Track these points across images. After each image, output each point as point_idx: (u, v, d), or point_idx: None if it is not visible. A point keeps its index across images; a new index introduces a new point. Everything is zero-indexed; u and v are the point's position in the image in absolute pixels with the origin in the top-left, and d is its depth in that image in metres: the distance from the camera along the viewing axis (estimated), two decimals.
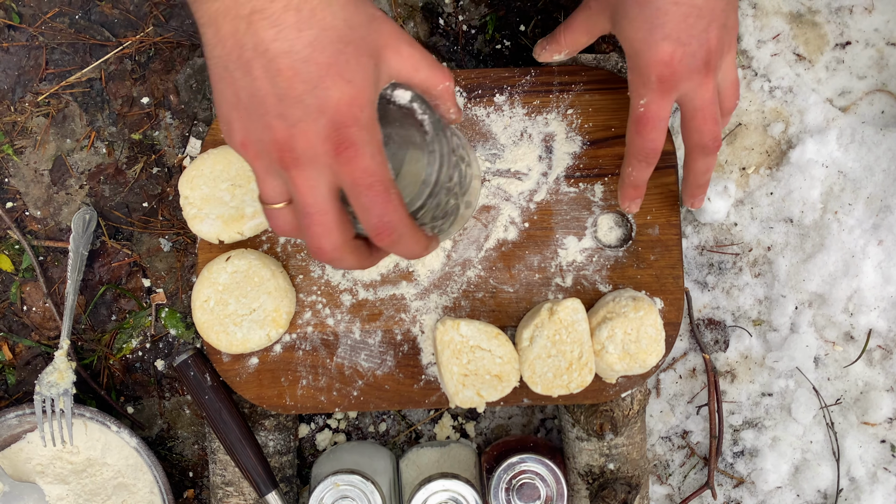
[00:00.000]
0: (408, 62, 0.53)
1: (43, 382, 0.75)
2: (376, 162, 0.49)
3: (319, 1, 0.47)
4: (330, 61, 0.47)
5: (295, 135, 0.48)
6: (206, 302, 0.70)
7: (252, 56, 0.47)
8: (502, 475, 0.72)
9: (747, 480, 0.82)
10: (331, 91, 0.47)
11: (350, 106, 0.48)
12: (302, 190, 0.49)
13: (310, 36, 0.47)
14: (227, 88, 0.49)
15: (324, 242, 0.51)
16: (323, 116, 0.48)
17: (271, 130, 0.48)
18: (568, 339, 0.69)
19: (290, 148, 0.48)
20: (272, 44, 0.47)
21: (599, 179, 0.74)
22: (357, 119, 0.48)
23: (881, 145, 0.79)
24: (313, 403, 0.73)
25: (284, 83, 0.47)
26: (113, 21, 0.81)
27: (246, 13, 0.46)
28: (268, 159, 0.50)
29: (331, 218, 0.50)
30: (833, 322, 0.80)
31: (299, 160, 0.48)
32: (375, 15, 0.51)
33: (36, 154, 0.81)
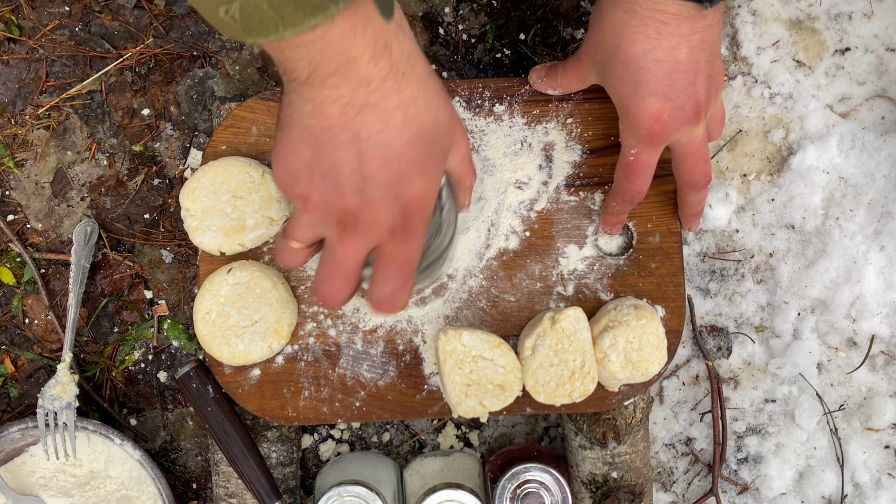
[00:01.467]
0: (460, 157, 0.59)
1: (45, 395, 0.75)
2: (418, 249, 0.56)
3: (423, 105, 0.52)
4: (418, 159, 0.53)
5: (366, 209, 0.53)
6: (207, 314, 0.70)
7: (350, 139, 0.51)
8: (507, 484, 0.72)
9: (751, 487, 0.82)
10: (412, 185, 0.53)
11: (422, 200, 0.54)
12: (347, 249, 0.55)
13: (409, 136, 0.52)
14: (306, 150, 0.53)
15: (339, 295, 0.57)
16: (397, 203, 0.53)
17: (343, 198, 0.53)
18: (570, 347, 0.69)
19: (355, 216, 0.54)
20: (376, 135, 0.51)
21: (600, 188, 0.74)
22: (422, 211, 0.55)
23: (882, 151, 0.79)
24: (315, 414, 0.73)
25: (373, 169, 0.52)
26: (113, 33, 0.81)
27: (359, 104, 0.50)
28: (324, 216, 0.55)
29: (355, 278, 0.57)
30: (836, 328, 0.80)
31: (359, 228, 0.54)
32: (454, 116, 0.57)
33: (37, 167, 0.81)
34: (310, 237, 0.57)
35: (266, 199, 0.70)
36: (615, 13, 0.61)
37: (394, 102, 0.51)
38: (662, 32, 0.60)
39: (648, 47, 0.61)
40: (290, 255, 0.58)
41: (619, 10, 0.61)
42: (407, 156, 0.52)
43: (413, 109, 0.52)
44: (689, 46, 0.61)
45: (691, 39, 0.60)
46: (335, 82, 0.50)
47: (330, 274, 0.56)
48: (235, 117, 0.73)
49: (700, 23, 0.60)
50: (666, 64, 0.61)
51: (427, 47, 0.82)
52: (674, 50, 0.60)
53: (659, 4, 0.59)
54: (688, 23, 0.60)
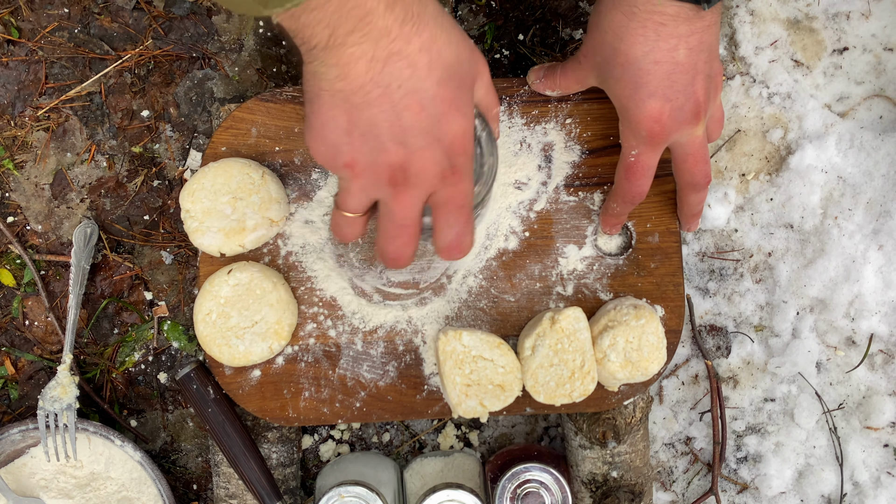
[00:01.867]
0: (485, 87, 0.59)
1: (46, 397, 0.75)
2: (471, 187, 0.56)
3: (444, 42, 0.52)
4: (451, 97, 0.53)
5: (412, 159, 0.53)
6: (208, 315, 0.70)
7: (382, 93, 0.51)
8: (507, 484, 0.72)
9: (751, 486, 0.82)
10: (451, 125, 0.53)
11: (463, 137, 0.54)
12: (404, 205, 0.55)
13: (438, 75, 0.52)
14: (340, 115, 0.53)
15: (406, 250, 0.57)
16: (440, 145, 0.53)
17: (387, 154, 0.53)
18: (570, 347, 0.69)
19: (403, 169, 0.53)
20: (406, 82, 0.51)
21: (599, 188, 0.74)
22: (466, 148, 0.54)
23: (880, 150, 0.79)
24: (316, 415, 0.73)
25: (411, 117, 0.52)
26: (112, 35, 0.81)
27: (384, 56, 0.50)
28: (374, 177, 0.54)
29: (416, 230, 0.57)
30: (834, 327, 0.80)
31: (409, 180, 0.54)
32: (473, 47, 0.57)
33: (36, 168, 0.81)
34: (365, 203, 0.57)
35: (266, 200, 0.70)
36: (614, 15, 0.62)
37: (416, 45, 0.51)
38: (661, 34, 0.60)
39: (647, 49, 0.61)
40: (348, 227, 0.58)
41: (618, 12, 0.61)
42: (440, 96, 0.52)
43: (436, 48, 0.52)
44: (687, 47, 0.61)
45: (690, 40, 0.61)
46: (356, 39, 0.49)
47: (393, 233, 0.56)
48: (235, 119, 0.73)
49: (698, 24, 0.60)
50: (665, 65, 0.61)
51: None
52: (672, 51, 0.61)
53: (657, 6, 0.59)
54: (686, 24, 0.60)
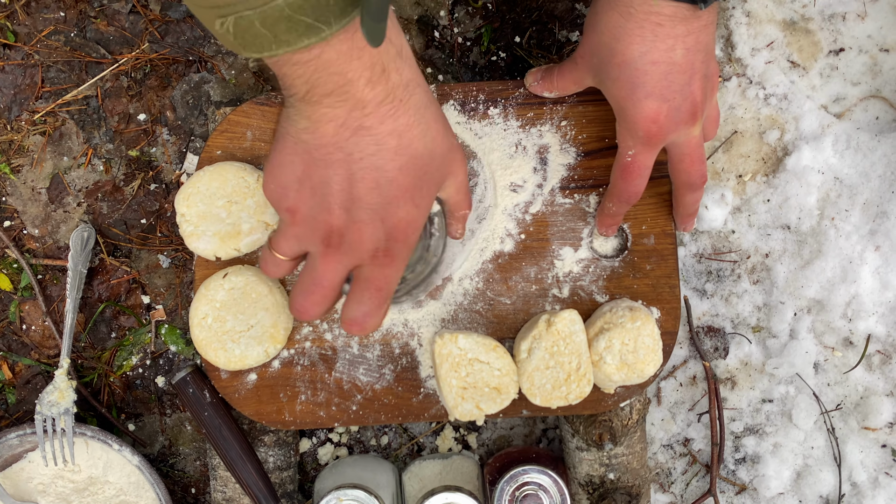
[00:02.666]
0: (456, 187, 0.60)
1: (43, 402, 0.76)
2: (398, 275, 0.56)
3: (418, 133, 0.53)
4: (408, 185, 0.53)
5: (352, 228, 0.53)
6: (203, 319, 0.70)
7: (343, 158, 0.52)
8: (505, 487, 0.72)
9: (749, 487, 0.82)
10: (400, 210, 0.53)
11: (408, 226, 0.54)
12: (328, 266, 0.55)
13: (401, 161, 0.52)
14: (299, 163, 0.53)
15: (314, 309, 0.57)
16: (383, 226, 0.53)
17: (330, 214, 0.53)
18: (566, 350, 0.69)
19: (339, 234, 0.54)
20: (368, 158, 0.52)
21: (594, 190, 0.74)
22: (407, 237, 0.55)
23: (876, 151, 0.79)
24: (312, 419, 0.73)
25: (363, 190, 0.52)
26: (108, 38, 0.81)
27: (354, 126, 0.51)
28: (310, 231, 0.55)
29: (333, 294, 0.57)
30: (832, 328, 0.80)
31: (342, 246, 0.54)
32: (453, 145, 0.58)
33: (33, 172, 0.81)
34: (294, 250, 0.57)
35: (261, 204, 0.70)
36: (611, 16, 0.62)
37: (388, 128, 0.51)
38: (658, 34, 0.60)
39: (645, 49, 0.61)
40: (274, 266, 0.59)
41: (615, 13, 0.61)
42: (398, 181, 0.52)
43: (408, 136, 0.52)
44: (684, 47, 0.61)
45: (687, 40, 0.61)
46: (331, 102, 0.50)
47: (308, 288, 0.56)
48: (230, 122, 0.73)
49: (695, 24, 0.60)
50: (662, 66, 0.61)
51: (423, 50, 0.82)
52: (670, 51, 0.61)
53: (654, 7, 0.59)
54: (683, 24, 0.60)
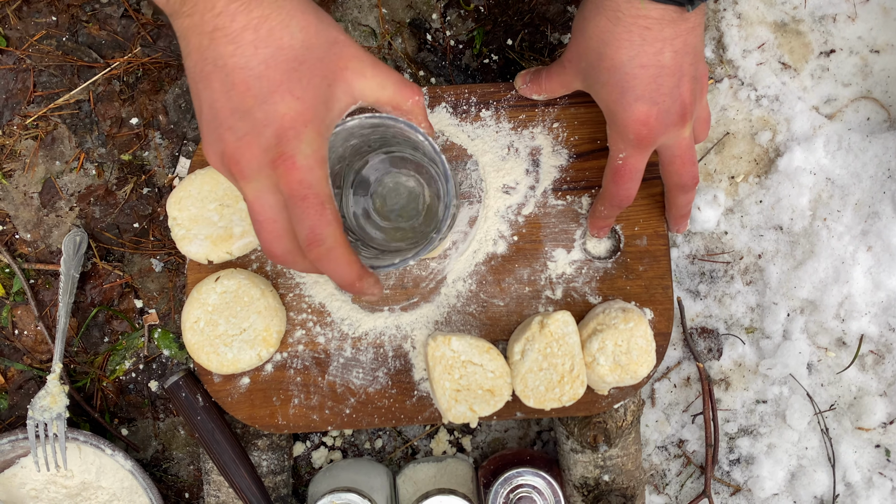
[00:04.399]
0: (372, 82, 0.55)
1: (35, 407, 0.75)
2: (314, 176, 0.51)
3: (278, 23, 0.50)
4: (282, 78, 0.50)
5: (241, 147, 0.50)
6: (196, 323, 0.70)
7: (212, 70, 0.50)
8: (499, 489, 0.72)
9: (744, 488, 0.82)
10: (278, 105, 0.49)
11: (294, 121, 0.50)
12: (250, 199, 0.52)
13: (265, 54, 0.50)
14: (195, 100, 0.52)
15: (274, 247, 0.53)
16: (267, 129, 0.50)
17: (223, 142, 0.51)
18: (559, 351, 0.69)
19: (236, 160, 0.50)
20: (230, 59, 0.49)
21: (587, 192, 0.74)
22: (299, 133, 0.50)
23: (867, 152, 0.79)
24: (305, 422, 0.73)
25: (238, 97, 0.50)
26: (100, 42, 0.81)
27: (209, 30, 0.49)
28: (225, 170, 0.52)
29: (279, 226, 0.52)
30: (825, 328, 0.80)
31: (244, 172, 0.51)
32: (338, 39, 0.54)
33: (25, 177, 0.81)
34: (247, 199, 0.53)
35: None
36: (599, 21, 0.62)
37: (240, 23, 0.49)
38: (646, 38, 0.60)
39: (633, 53, 0.61)
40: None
41: (603, 17, 0.61)
42: (267, 76, 0.50)
43: (265, 28, 0.50)
44: (672, 50, 0.61)
45: (675, 43, 0.61)
46: (187, 10, 0.50)
47: (257, 231, 0.53)
48: None
49: (683, 26, 0.60)
50: (651, 69, 0.61)
51: (415, 53, 0.82)
52: (658, 55, 0.61)
53: (642, 10, 0.59)
54: (671, 27, 0.60)
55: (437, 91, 0.74)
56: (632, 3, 0.59)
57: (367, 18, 0.82)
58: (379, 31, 0.82)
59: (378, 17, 0.82)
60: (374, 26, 0.82)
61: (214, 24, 0.49)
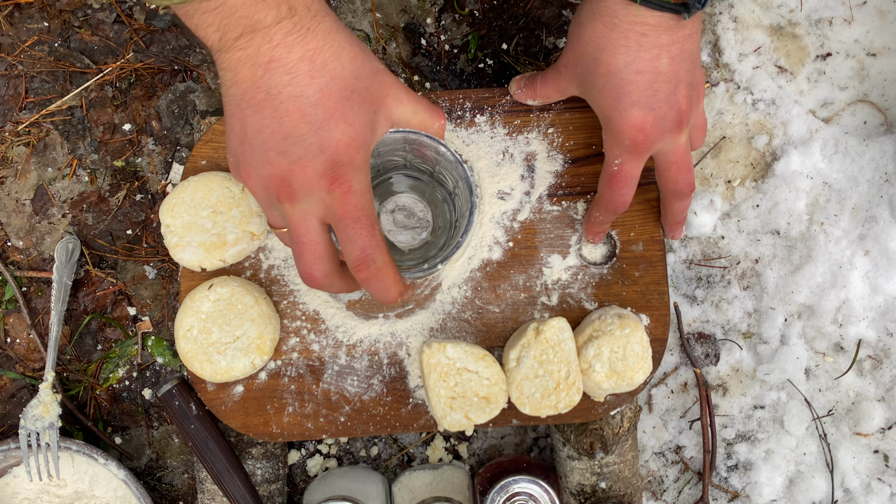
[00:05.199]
0: (407, 108, 0.59)
1: (28, 416, 0.75)
2: (366, 199, 0.54)
3: (331, 54, 0.53)
4: (336, 106, 0.52)
5: (294, 170, 0.52)
6: (189, 331, 0.69)
7: (264, 98, 0.52)
8: (496, 497, 0.71)
9: (742, 494, 0.81)
10: (333, 132, 0.52)
11: (348, 146, 0.53)
12: (295, 221, 0.54)
13: (320, 83, 0.52)
14: (237, 124, 0.54)
15: (314, 269, 0.56)
16: (322, 154, 0.52)
17: (271, 165, 0.53)
18: (555, 358, 0.68)
19: (286, 182, 0.53)
20: (285, 88, 0.52)
21: (582, 197, 0.73)
22: (353, 158, 0.53)
23: (864, 155, 0.79)
24: (300, 430, 0.72)
25: (291, 123, 0.52)
26: (93, 48, 0.81)
27: (264, 61, 0.51)
28: (266, 194, 0.54)
29: (321, 248, 0.55)
30: (823, 333, 0.80)
31: (294, 194, 0.53)
32: (379, 68, 0.57)
33: (17, 184, 0.81)
34: (280, 220, 0.57)
35: (246, 214, 0.70)
36: (595, 26, 0.61)
37: (297, 54, 0.52)
38: (643, 44, 0.60)
39: (629, 59, 0.61)
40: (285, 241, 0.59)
41: (599, 23, 0.61)
42: (322, 104, 0.52)
43: (320, 59, 0.52)
44: (669, 56, 0.61)
45: (671, 50, 0.61)
46: (242, 44, 0.51)
47: (297, 253, 0.55)
48: (215, 132, 0.73)
49: (679, 33, 0.60)
50: (647, 75, 0.61)
51: (409, 58, 0.82)
52: (654, 61, 0.61)
53: (638, 17, 0.59)
54: (667, 33, 0.60)
55: (432, 97, 0.73)
56: (628, 10, 0.59)
57: (361, 23, 0.81)
58: (373, 35, 0.81)
59: (372, 22, 0.81)
60: (369, 31, 0.81)
61: (271, 55, 0.51)
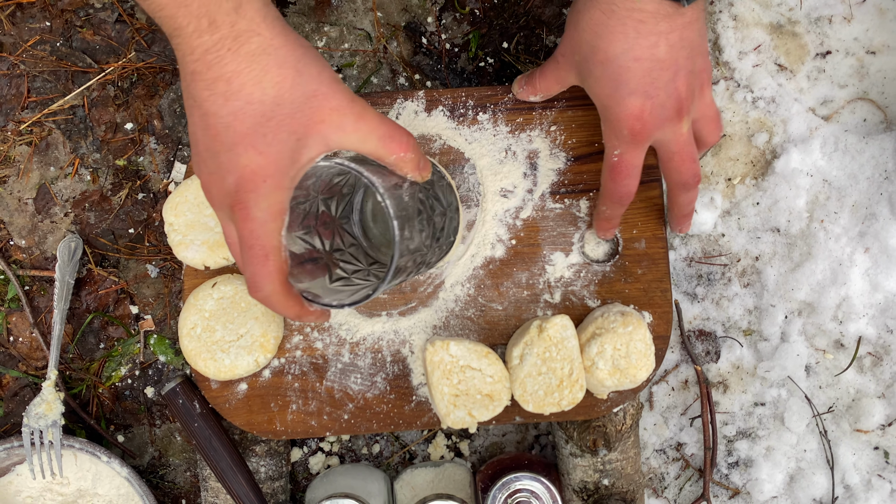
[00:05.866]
0: (353, 136, 0.55)
1: (31, 414, 0.75)
2: (265, 229, 0.53)
3: (250, 78, 0.52)
4: (246, 132, 0.52)
5: (210, 182, 0.54)
6: (193, 329, 0.69)
7: (192, 104, 0.53)
8: (497, 494, 0.72)
9: (743, 491, 0.81)
10: (241, 158, 0.52)
11: (254, 174, 0.52)
12: (227, 231, 0.56)
13: (234, 107, 0.52)
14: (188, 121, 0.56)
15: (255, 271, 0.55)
16: (230, 176, 0.53)
17: (199, 170, 0.55)
18: (558, 356, 0.69)
19: (207, 190, 0.55)
20: (204, 102, 0.52)
21: (585, 195, 0.74)
22: (257, 187, 0.52)
23: (864, 153, 0.79)
24: (304, 428, 0.72)
25: (209, 139, 0.53)
26: (95, 47, 0.81)
27: (189, 71, 0.52)
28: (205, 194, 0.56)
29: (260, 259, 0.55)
30: (823, 330, 0.80)
31: (213, 202, 0.55)
32: (317, 92, 0.54)
33: (19, 183, 0.81)
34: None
35: None
36: (592, 13, 0.61)
37: (214, 74, 0.52)
38: (641, 31, 0.59)
39: (627, 46, 0.60)
40: None
41: (597, 10, 0.61)
42: (233, 127, 0.52)
43: (237, 82, 0.52)
44: (668, 44, 0.60)
45: (670, 37, 0.60)
46: (175, 43, 0.52)
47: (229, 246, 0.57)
48: None
49: (678, 20, 0.60)
50: (645, 62, 0.60)
51: (410, 57, 0.82)
52: (653, 48, 0.60)
53: (636, 3, 0.59)
54: (666, 21, 0.59)
55: (434, 95, 0.73)
56: None
57: (362, 22, 0.82)
58: (374, 34, 0.81)
59: (373, 21, 0.81)
60: (370, 30, 0.81)
61: (193, 67, 0.52)
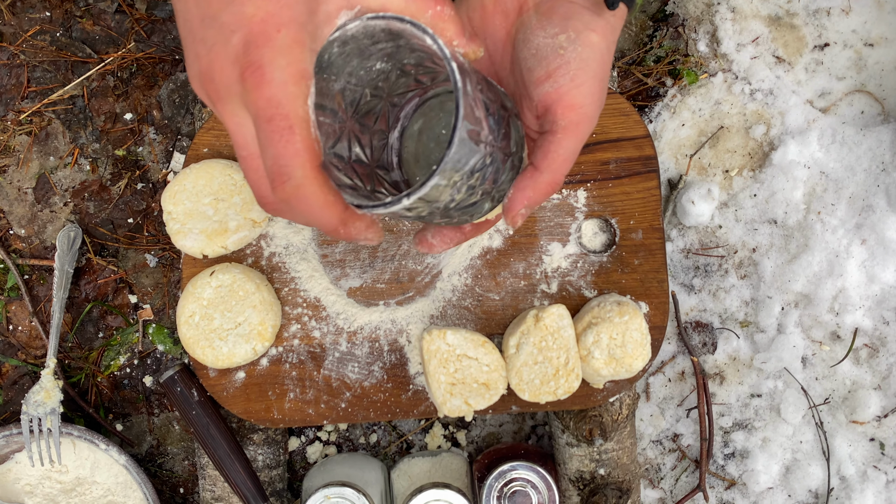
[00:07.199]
0: None
1: (30, 402, 0.75)
2: (286, 92, 0.41)
3: None
4: None
5: (212, 60, 0.42)
6: (191, 317, 0.70)
7: None
8: (494, 483, 0.72)
9: (739, 482, 0.82)
10: (246, 7, 0.41)
11: (264, 23, 0.41)
12: (230, 128, 0.43)
13: None
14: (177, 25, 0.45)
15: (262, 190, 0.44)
16: (235, 35, 0.41)
17: (198, 59, 0.43)
18: (554, 345, 0.69)
19: (210, 78, 0.42)
20: None
21: (582, 185, 0.74)
22: (270, 39, 0.41)
23: (861, 145, 0.79)
24: (301, 416, 0.73)
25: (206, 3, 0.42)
26: (94, 38, 0.81)
27: None
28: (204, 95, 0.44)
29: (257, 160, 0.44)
30: (819, 322, 0.80)
31: (218, 91, 0.42)
32: None
33: (19, 172, 0.81)
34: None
35: (248, 202, 0.70)
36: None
37: None
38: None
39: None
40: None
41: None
42: None
43: None
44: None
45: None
46: None
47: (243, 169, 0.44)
48: (217, 120, 0.73)
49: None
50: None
51: None
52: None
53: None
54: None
55: None
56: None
57: None
58: None
59: None
60: None
61: None
